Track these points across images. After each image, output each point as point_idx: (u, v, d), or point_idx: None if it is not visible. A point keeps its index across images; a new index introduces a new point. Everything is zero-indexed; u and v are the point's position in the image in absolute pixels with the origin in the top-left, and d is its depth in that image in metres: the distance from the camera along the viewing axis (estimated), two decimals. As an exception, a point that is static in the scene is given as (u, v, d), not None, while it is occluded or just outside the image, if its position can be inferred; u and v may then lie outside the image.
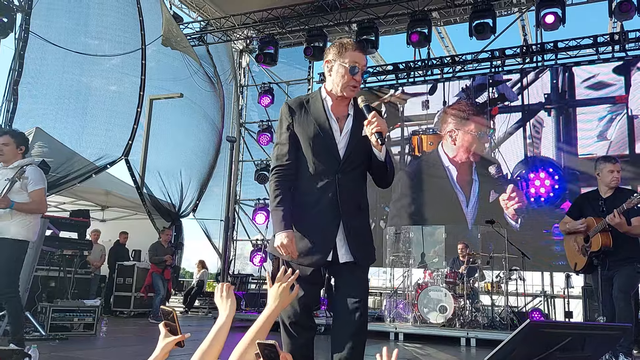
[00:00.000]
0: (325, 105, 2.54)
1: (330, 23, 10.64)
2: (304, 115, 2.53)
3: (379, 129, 2.34)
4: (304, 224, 2.46)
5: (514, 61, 10.40)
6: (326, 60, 2.54)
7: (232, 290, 1.98)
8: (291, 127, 2.53)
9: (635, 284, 4.42)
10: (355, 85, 2.50)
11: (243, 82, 13.16)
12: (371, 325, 8.00)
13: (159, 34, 10.29)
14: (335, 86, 2.52)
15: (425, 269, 8.96)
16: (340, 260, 2.46)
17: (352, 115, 2.56)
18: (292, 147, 2.52)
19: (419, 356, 5.92)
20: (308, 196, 2.48)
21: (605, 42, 9.57)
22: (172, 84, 11.13)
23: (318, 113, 2.53)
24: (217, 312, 2.00)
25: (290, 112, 2.55)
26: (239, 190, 12.82)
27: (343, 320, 2.42)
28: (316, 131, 2.50)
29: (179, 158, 11.37)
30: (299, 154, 2.53)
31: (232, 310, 1.94)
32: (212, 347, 1.82)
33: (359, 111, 2.57)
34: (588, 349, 1.88)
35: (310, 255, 2.44)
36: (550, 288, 9.83)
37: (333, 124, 2.52)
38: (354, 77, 2.47)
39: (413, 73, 11.15)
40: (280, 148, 2.55)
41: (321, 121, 2.52)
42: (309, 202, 2.48)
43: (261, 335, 1.82)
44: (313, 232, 2.45)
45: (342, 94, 2.51)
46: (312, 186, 2.48)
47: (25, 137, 4.79)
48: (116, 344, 6.22)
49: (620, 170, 4.53)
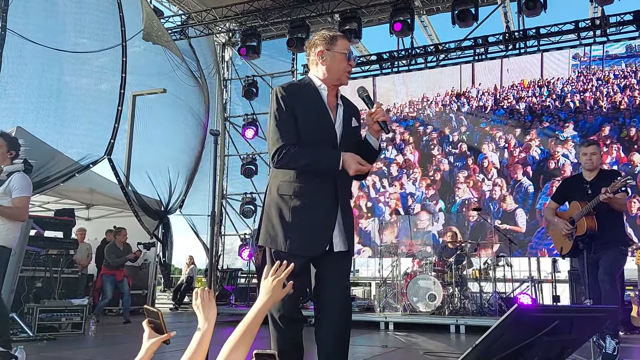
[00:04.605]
0: (321, 95, 2.54)
1: (313, 14, 10.58)
2: (301, 102, 2.50)
3: (384, 118, 2.45)
4: (303, 214, 2.45)
5: (497, 48, 10.45)
6: (319, 52, 2.52)
7: (212, 296, 1.90)
8: (291, 109, 2.46)
9: (621, 266, 4.47)
10: (350, 71, 2.58)
11: (226, 76, 13.06)
12: (361, 315, 8.03)
13: (139, 28, 10.14)
14: (331, 74, 2.53)
15: (414, 258, 9.00)
16: (335, 249, 2.49)
17: (342, 105, 2.59)
18: (295, 129, 2.46)
19: (410, 344, 5.95)
20: (308, 184, 2.46)
21: (587, 27, 9.64)
22: (154, 79, 10.99)
23: (317, 103, 2.52)
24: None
25: (289, 96, 2.49)
26: (226, 185, 12.76)
27: (332, 307, 2.45)
28: (317, 121, 2.49)
29: (165, 154, 11.25)
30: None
31: (213, 317, 1.87)
32: (195, 357, 1.77)
33: (347, 102, 2.63)
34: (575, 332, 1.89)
35: (309, 244, 2.44)
36: (538, 273, 9.94)
37: (331, 115, 2.53)
38: (349, 63, 2.54)
39: (397, 62, 11.16)
40: (284, 128, 2.45)
41: (321, 111, 2.51)
42: (308, 191, 2.46)
43: (252, 330, 1.80)
44: (313, 221, 2.44)
45: (339, 81, 2.55)
46: (311, 175, 2.47)
47: (17, 142, 4.65)
48: (105, 342, 6.17)
49: (595, 152, 4.56)
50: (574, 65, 9.88)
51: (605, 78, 9.59)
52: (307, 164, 2.42)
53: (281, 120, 2.46)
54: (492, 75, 10.53)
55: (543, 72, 10.10)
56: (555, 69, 10.04)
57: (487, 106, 10.47)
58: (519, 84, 10.25)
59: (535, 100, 10.08)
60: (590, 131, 9.52)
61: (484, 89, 10.56)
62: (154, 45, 10.55)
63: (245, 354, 1.72)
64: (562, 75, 9.94)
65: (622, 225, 4.54)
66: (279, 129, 2.46)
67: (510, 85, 10.34)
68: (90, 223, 12.10)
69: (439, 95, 10.91)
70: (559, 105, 9.88)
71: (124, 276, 8.80)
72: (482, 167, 10.23)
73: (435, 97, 10.94)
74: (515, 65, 10.39)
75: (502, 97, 10.38)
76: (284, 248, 2.41)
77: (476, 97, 10.58)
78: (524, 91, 10.20)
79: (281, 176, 2.51)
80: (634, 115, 9.25)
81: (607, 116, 9.48)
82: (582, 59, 9.80)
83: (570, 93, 9.83)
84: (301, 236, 2.42)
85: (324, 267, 2.51)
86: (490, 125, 10.36)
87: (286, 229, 2.44)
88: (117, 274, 8.66)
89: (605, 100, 9.52)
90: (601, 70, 9.65)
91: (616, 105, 9.43)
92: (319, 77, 2.56)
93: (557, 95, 9.93)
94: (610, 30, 9.52)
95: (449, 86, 10.83)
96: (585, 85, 9.73)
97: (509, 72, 10.37)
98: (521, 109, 10.15)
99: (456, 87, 10.78)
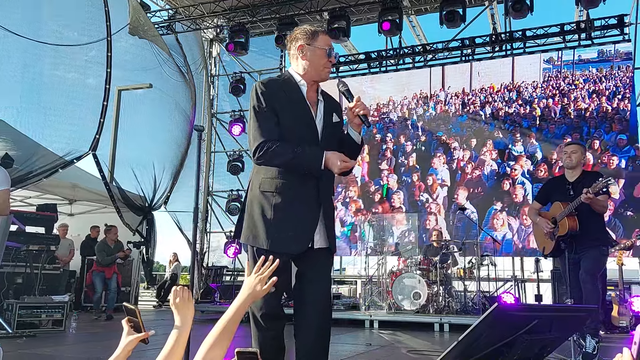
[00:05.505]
0: (302, 91, 2.52)
1: (302, 11, 10.55)
2: (282, 97, 2.48)
3: (365, 112, 2.44)
4: (286, 211, 2.42)
5: (484, 49, 10.50)
6: (299, 46, 2.51)
7: (191, 295, 1.88)
8: (271, 105, 2.45)
9: (601, 266, 4.52)
10: (330, 67, 2.56)
11: (214, 72, 12.98)
12: (346, 313, 8.05)
13: (125, 22, 10.03)
14: (312, 70, 2.52)
15: (400, 257, 9.03)
16: (315, 245, 2.47)
17: (323, 101, 2.58)
18: (276, 125, 2.44)
19: (394, 343, 5.97)
20: (290, 181, 2.44)
21: (572, 30, 9.73)
22: (141, 74, 10.89)
23: (297, 99, 2.50)
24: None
25: (269, 91, 2.47)
26: (212, 182, 12.68)
27: (313, 306, 2.43)
28: (297, 117, 2.47)
29: (150, 150, 11.14)
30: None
31: (190, 316, 1.85)
32: (171, 358, 1.74)
33: (328, 97, 2.61)
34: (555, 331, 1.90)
35: (291, 242, 2.41)
36: (521, 272, 10.03)
37: (312, 112, 2.51)
38: (329, 59, 2.53)
39: (385, 62, 11.17)
40: (265, 124, 2.43)
41: (301, 107, 2.50)
42: (290, 188, 2.44)
43: (231, 327, 1.77)
44: (295, 219, 2.42)
45: (319, 77, 2.54)
46: (294, 172, 2.44)
47: None
48: (86, 339, 6.10)
49: (575, 151, 4.62)
50: (545, 69, 9.80)
51: (576, 82, 9.53)
52: (289, 162, 2.39)
53: (262, 117, 2.45)
54: (462, 79, 10.42)
55: (514, 76, 9.99)
56: (525, 73, 9.91)
57: (450, 111, 10.35)
58: (488, 87, 10.16)
59: (502, 105, 9.95)
60: (552, 141, 9.43)
61: (453, 92, 10.42)
62: (141, 39, 10.44)
63: (223, 351, 1.70)
64: (533, 79, 9.84)
65: (603, 225, 4.60)
66: (259, 125, 2.44)
67: (480, 89, 10.21)
68: (72, 219, 11.97)
69: (406, 98, 10.79)
70: (524, 112, 9.76)
71: (113, 273, 8.82)
72: (427, 186, 10.11)
73: (402, 99, 10.82)
74: (487, 68, 10.26)
75: (469, 101, 10.25)
76: (266, 245, 2.39)
77: (444, 101, 10.46)
78: (492, 95, 10.07)
79: (263, 173, 2.49)
80: (599, 124, 9.19)
81: (571, 125, 9.40)
82: (556, 63, 9.76)
83: (538, 98, 9.73)
84: (283, 234, 2.40)
85: (305, 265, 2.49)
86: (447, 134, 10.23)
87: (268, 226, 2.41)
88: (106, 271, 8.70)
89: (573, 106, 9.43)
90: (572, 74, 9.61)
91: (582, 113, 9.37)
92: (299, 72, 2.55)
93: (525, 100, 9.82)
94: (595, 34, 9.62)
95: (417, 89, 10.68)
96: (554, 90, 9.65)
97: (479, 76, 10.23)
98: (484, 116, 10.02)
99: (425, 90, 10.63)
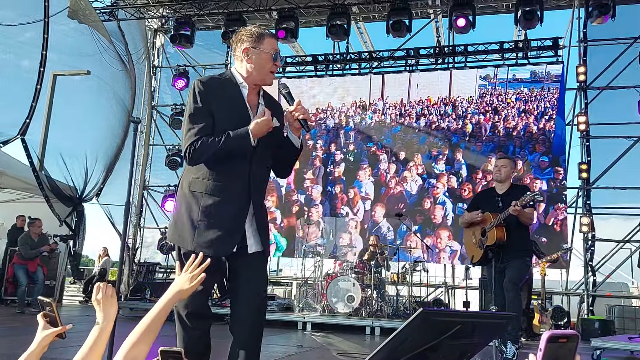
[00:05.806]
0: (242, 93, 2.48)
1: (250, 9, 10.47)
2: (220, 98, 2.43)
3: (304, 115, 2.42)
4: (213, 213, 2.37)
5: (427, 61, 10.82)
6: (244, 49, 2.45)
7: (114, 291, 1.83)
8: (207, 105, 2.40)
9: (524, 275, 4.77)
10: (275, 72, 2.52)
11: (157, 63, 12.61)
12: (280, 315, 8.02)
13: (65, 5, 9.59)
14: (256, 74, 2.47)
15: (336, 259, 9.11)
16: (249, 250, 2.43)
17: (263, 105, 2.54)
18: (210, 125, 2.39)
19: (325, 345, 6.01)
20: (219, 182, 2.40)
21: (510, 48, 10.21)
22: (79, 59, 10.43)
23: (236, 100, 2.46)
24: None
25: (207, 91, 2.42)
26: (148, 176, 12.31)
27: (247, 306, 2.40)
28: (235, 119, 2.42)
29: (84, 139, 10.69)
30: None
31: (113, 314, 1.79)
32: (91, 355, 1.68)
33: (269, 101, 2.59)
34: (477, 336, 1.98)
35: (217, 244, 2.36)
36: (452, 279, 10.37)
37: (251, 114, 2.47)
38: (275, 63, 2.49)
39: (332, 66, 11.27)
40: (198, 124, 2.37)
41: (240, 109, 2.46)
42: (220, 190, 2.39)
43: (156, 325, 1.73)
44: (222, 219, 2.38)
45: (263, 81, 2.51)
46: (224, 172, 2.40)
47: None
48: (4, 334, 5.77)
49: (505, 165, 4.85)
50: (481, 86, 10.12)
51: (508, 100, 9.89)
52: (219, 151, 2.33)
53: (196, 116, 2.39)
54: (401, 90, 10.56)
55: (451, 90, 10.23)
56: (462, 88, 10.17)
57: (386, 121, 10.50)
58: (426, 99, 10.37)
59: (436, 118, 10.19)
60: (478, 160, 9.74)
61: (391, 102, 10.58)
62: (81, 24, 10.00)
63: (147, 349, 1.66)
64: (469, 94, 10.13)
65: (528, 237, 4.86)
66: (193, 124, 2.38)
67: (418, 100, 10.41)
68: (-4, 207, 11.29)
69: (344, 105, 10.88)
70: (456, 127, 10.01)
71: (37, 266, 8.41)
72: (349, 198, 10.23)
73: (341, 106, 10.89)
74: (426, 80, 10.46)
75: (406, 112, 10.42)
76: (191, 247, 2.34)
77: (382, 110, 10.60)
78: (429, 108, 10.28)
79: (194, 172, 2.43)
80: (524, 144, 9.57)
81: (498, 143, 9.73)
82: (492, 80, 10.10)
83: (471, 114, 10.02)
84: (209, 236, 2.36)
85: (239, 266, 2.46)
86: (378, 145, 10.37)
87: (194, 227, 2.37)
88: (29, 264, 8.29)
89: (503, 124, 9.76)
90: (505, 92, 9.99)
91: (510, 131, 9.71)
92: (242, 74, 2.50)
93: (458, 115, 10.09)
94: (532, 54, 10.12)
95: (357, 96, 10.79)
96: (487, 107, 9.97)
97: (418, 88, 10.41)
98: (418, 129, 10.23)
99: (365, 98, 10.74)
